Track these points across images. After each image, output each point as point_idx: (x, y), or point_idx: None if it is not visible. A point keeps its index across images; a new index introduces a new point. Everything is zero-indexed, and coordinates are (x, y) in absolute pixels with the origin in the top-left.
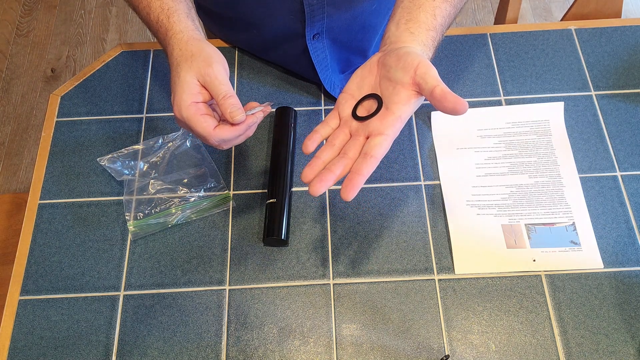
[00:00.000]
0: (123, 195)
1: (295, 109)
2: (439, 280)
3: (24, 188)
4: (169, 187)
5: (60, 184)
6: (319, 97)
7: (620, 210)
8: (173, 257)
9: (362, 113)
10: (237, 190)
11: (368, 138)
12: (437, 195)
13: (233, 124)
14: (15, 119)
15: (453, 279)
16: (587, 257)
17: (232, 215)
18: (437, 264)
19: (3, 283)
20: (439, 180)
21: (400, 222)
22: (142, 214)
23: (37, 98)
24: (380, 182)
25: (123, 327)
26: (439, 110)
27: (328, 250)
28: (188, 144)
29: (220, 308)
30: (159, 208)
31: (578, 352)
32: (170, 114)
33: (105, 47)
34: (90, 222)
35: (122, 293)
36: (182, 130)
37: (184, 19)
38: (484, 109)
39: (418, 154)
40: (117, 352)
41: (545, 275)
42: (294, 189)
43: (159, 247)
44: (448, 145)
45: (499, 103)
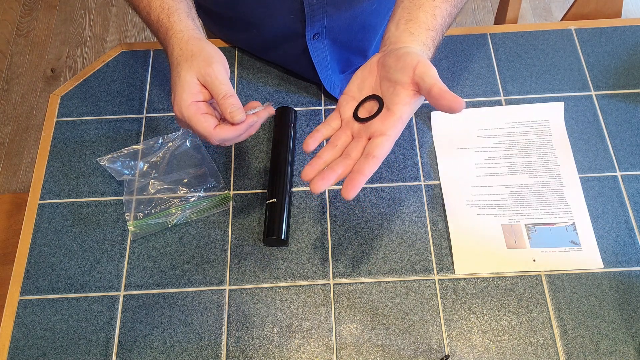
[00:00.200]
0: (123, 195)
1: (295, 109)
2: (439, 280)
3: (24, 188)
4: (169, 187)
5: (60, 184)
6: (319, 97)
7: (620, 210)
8: (173, 257)
9: (363, 114)
10: (237, 190)
11: (370, 139)
12: (437, 195)
13: (233, 124)
14: (15, 119)
15: (453, 279)
16: (587, 257)
17: (232, 215)
18: (437, 264)
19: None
20: (439, 180)
21: (400, 222)
22: (142, 214)
23: (37, 98)
24: (380, 182)
25: (123, 327)
26: (437, 109)
27: (328, 250)
28: (188, 144)
29: (220, 308)
30: (159, 208)
31: (578, 352)
32: (170, 114)
33: (105, 47)
34: (90, 222)
35: (122, 293)
36: (182, 130)
37: (184, 19)
38: (484, 109)
39: (418, 154)
40: (117, 352)
41: (545, 275)
42: (294, 189)
43: (159, 247)
44: (448, 145)
45: (499, 103)
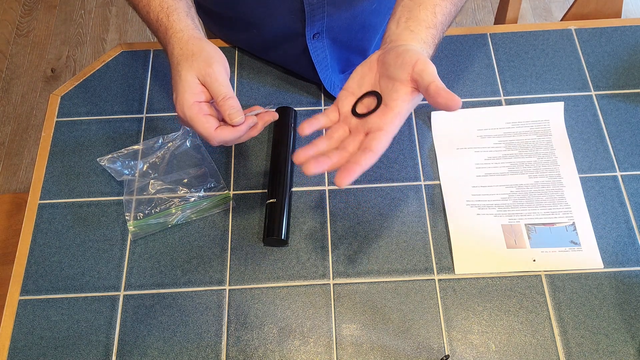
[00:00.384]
0: (123, 195)
1: (295, 109)
2: (439, 280)
3: (24, 188)
4: (169, 187)
5: (60, 184)
6: (319, 97)
7: (620, 210)
8: (173, 257)
9: (361, 110)
10: (237, 190)
11: (367, 134)
12: (437, 195)
13: (232, 125)
14: (15, 119)
15: (453, 279)
16: (587, 257)
17: (232, 215)
18: (437, 264)
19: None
20: (439, 180)
21: (400, 222)
22: (142, 214)
23: (37, 98)
24: (380, 182)
25: (123, 327)
26: (433, 106)
27: (328, 251)
28: (188, 144)
29: (220, 308)
30: (159, 208)
31: (578, 352)
32: (170, 114)
33: (105, 47)
34: (90, 222)
35: (122, 293)
36: (182, 130)
37: (184, 18)
38: (484, 109)
39: (418, 154)
40: (117, 352)
41: (545, 275)
42: (294, 189)
43: (159, 247)
44: (448, 145)
45: (499, 103)
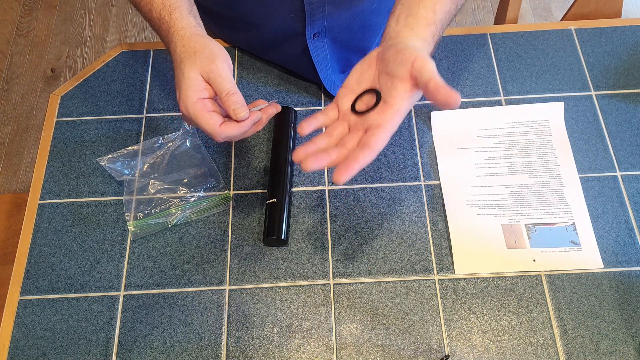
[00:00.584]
0: (123, 195)
1: (295, 109)
2: (439, 280)
3: (24, 188)
4: (169, 187)
5: (60, 184)
6: (319, 97)
7: (620, 210)
8: (173, 257)
9: (361, 108)
10: (237, 190)
11: (366, 131)
12: (437, 195)
13: (237, 121)
14: (15, 119)
15: (453, 279)
16: (587, 257)
17: (232, 215)
18: (437, 264)
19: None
20: (439, 180)
21: (400, 222)
22: (142, 214)
23: (37, 98)
24: (380, 182)
25: (123, 327)
26: (433, 103)
27: (328, 251)
28: (188, 144)
29: (220, 308)
30: (159, 208)
31: (578, 352)
32: (170, 114)
33: (105, 47)
34: (90, 222)
35: (122, 293)
36: (182, 130)
37: (186, 15)
38: (484, 109)
39: (418, 154)
40: (117, 352)
41: (545, 275)
42: (294, 189)
43: (159, 247)
44: (448, 145)
45: (499, 103)
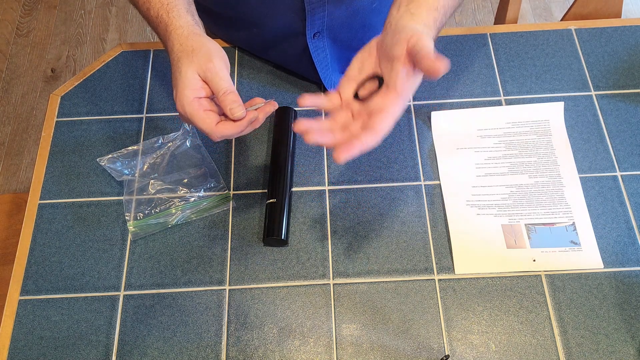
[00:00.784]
0: (123, 195)
1: (295, 109)
2: (439, 280)
3: (24, 188)
4: (169, 187)
5: (60, 184)
6: None
7: (620, 210)
8: (173, 257)
9: (363, 94)
10: (237, 190)
11: (370, 117)
12: (437, 195)
13: (234, 120)
14: (15, 119)
15: (453, 279)
16: (587, 257)
17: (232, 215)
18: (437, 264)
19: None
20: (439, 180)
21: (400, 222)
22: (142, 214)
23: (37, 98)
24: (380, 182)
25: (123, 327)
26: (421, 72)
27: (328, 250)
28: (188, 144)
29: (220, 308)
30: (159, 208)
31: (578, 352)
32: (170, 114)
33: (105, 47)
34: (90, 222)
35: (122, 293)
36: (182, 130)
37: (184, 14)
38: (484, 109)
39: (418, 154)
40: (117, 352)
41: (545, 275)
42: (294, 189)
43: (159, 247)
44: (448, 145)
45: (499, 103)
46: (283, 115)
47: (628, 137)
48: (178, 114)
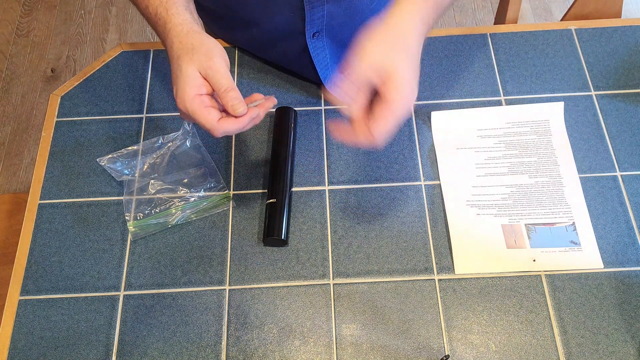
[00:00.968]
0: (123, 195)
1: (295, 109)
2: (439, 280)
3: (24, 188)
4: (169, 187)
5: (60, 184)
6: (319, 97)
7: (620, 210)
8: (173, 257)
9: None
10: (237, 190)
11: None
12: (437, 195)
13: (235, 116)
14: (15, 119)
15: (453, 279)
16: (587, 257)
17: (232, 215)
18: (437, 264)
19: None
20: (439, 180)
21: (400, 222)
22: (142, 214)
23: (37, 98)
24: (380, 182)
25: (123, 327)
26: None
27: (328, 250)
28: (188, 144)
29: (220, 308)
30: (159, 208)
31: (578, 352)
32: (170, 114)
33: (105, 47)
34: (90, 222)
35: (122, 293)
36: (182, 130)
37: (183, 12)
38: (484, 109)
39: (418, 154)
40: (117, 352)
41: (545, 275)
42: (294, 189)
43: (159, 247)
44: (448, 145)
45: (499, 103)
46: (283, 115)
47: (628, 137)
48: (178, 112)
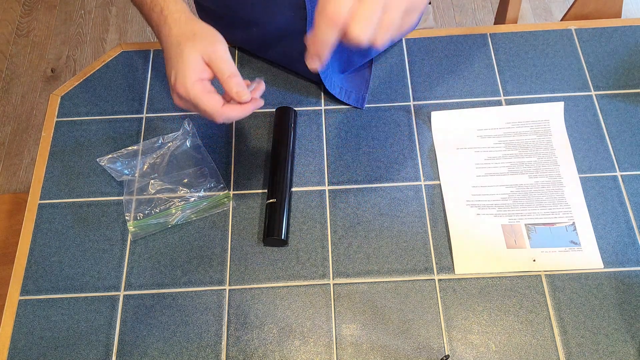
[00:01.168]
0: (123, 195)
1: (295, 109)
2: (439, 280)
3: (24, 188)
4: (169, 187)
5: (60, 184)
6: (319, 97)
7: (620, 210)
8: (173, 257)
9: None
10: (237, 190)
11: None
12: (437, 195)
13: (240, 103)
14: (15, 119)
15: (453, 279)
16: (587, 257)
17: (232, 215)
18: (437, 264)
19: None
20: (439, 180)
21: (400, 222)
22: (142, 214)
23: (37, 98)
24: (380, 182)
25: (123, 327)
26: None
27: (328, 250)
28: (188, 144)
29: (220, 308)
30: (159, 208)
31: (578, 352)
32: (171, 114)
33: (105, 47)
34: (90, 222)
35: (122, 293)
36: (182, 130)
37: (180, 0)
38: (484, 109)
39: (418, 154)
40: (117, 352)
41: (545, 275)
42: (294, 189)
43: (159, 247)
44: (448, 145)
45: (499, 103)
46: (283, 115)
47: (628, 137)
48: (176, 99)
